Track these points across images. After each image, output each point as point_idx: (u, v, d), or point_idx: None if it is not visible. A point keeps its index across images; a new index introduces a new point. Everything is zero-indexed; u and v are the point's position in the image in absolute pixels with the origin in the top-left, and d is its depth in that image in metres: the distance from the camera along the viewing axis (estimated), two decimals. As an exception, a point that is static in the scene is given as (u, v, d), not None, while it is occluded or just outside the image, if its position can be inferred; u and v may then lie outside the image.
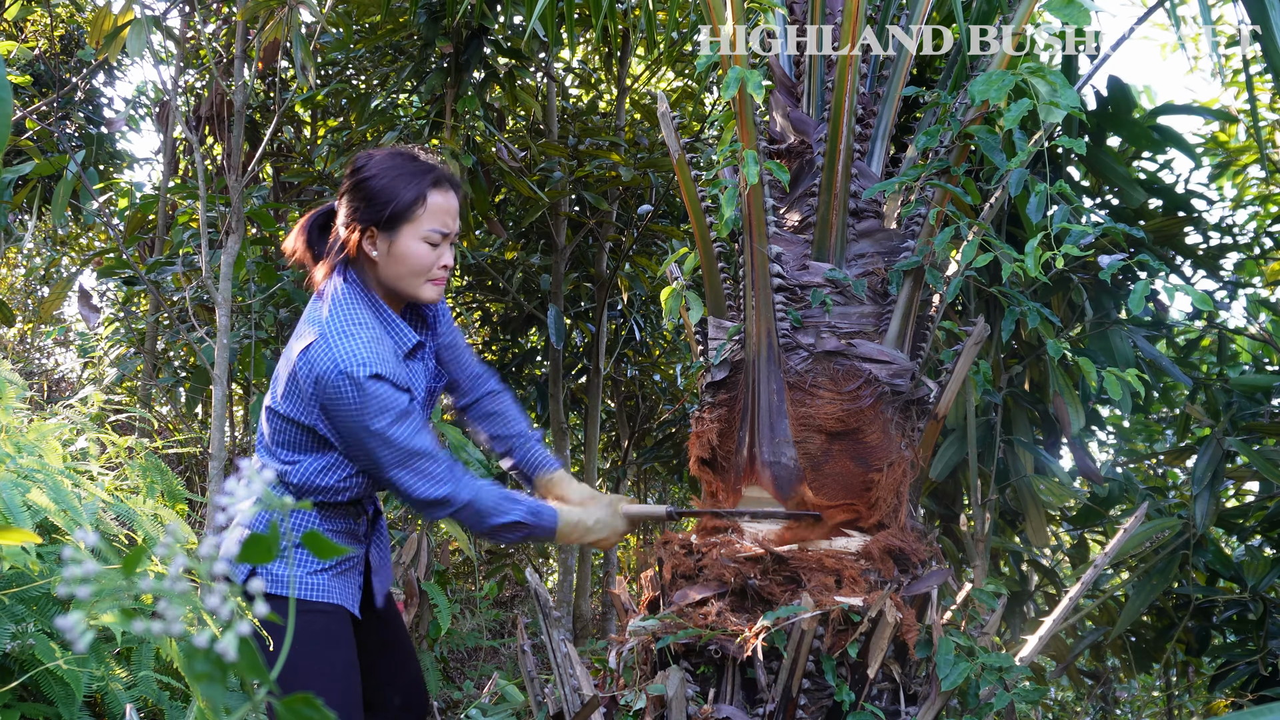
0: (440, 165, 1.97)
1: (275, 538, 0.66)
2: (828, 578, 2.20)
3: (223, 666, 0.59)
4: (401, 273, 1.92)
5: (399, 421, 1.84)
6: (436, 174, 1.93)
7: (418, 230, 1.90)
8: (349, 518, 2.01)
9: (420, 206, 1.89)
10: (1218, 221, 4.02)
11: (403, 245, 1.90)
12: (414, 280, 1.93)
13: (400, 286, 1.94)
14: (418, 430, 1.88)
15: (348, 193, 1.94)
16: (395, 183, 1.89)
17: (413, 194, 1.89)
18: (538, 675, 2.47)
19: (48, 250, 6.80)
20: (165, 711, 2.24)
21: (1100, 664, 4.53)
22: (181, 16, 4.32)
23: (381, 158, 1.94)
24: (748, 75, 2.11)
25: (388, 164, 1.92)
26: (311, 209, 2.10)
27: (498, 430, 2.24)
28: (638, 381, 6.08)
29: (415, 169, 1.92)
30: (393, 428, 1.84)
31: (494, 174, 4.49)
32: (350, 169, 1.96)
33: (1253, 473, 3.75)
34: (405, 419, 1.85)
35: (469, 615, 5.58)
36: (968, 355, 2.45)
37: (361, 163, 1.94)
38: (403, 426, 1.85)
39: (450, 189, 1.95)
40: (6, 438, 2.33)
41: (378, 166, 1.91)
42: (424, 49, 4.10)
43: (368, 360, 1.82)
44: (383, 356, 1.85)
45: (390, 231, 1.90)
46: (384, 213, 1.88)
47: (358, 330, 1.87)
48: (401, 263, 1.91)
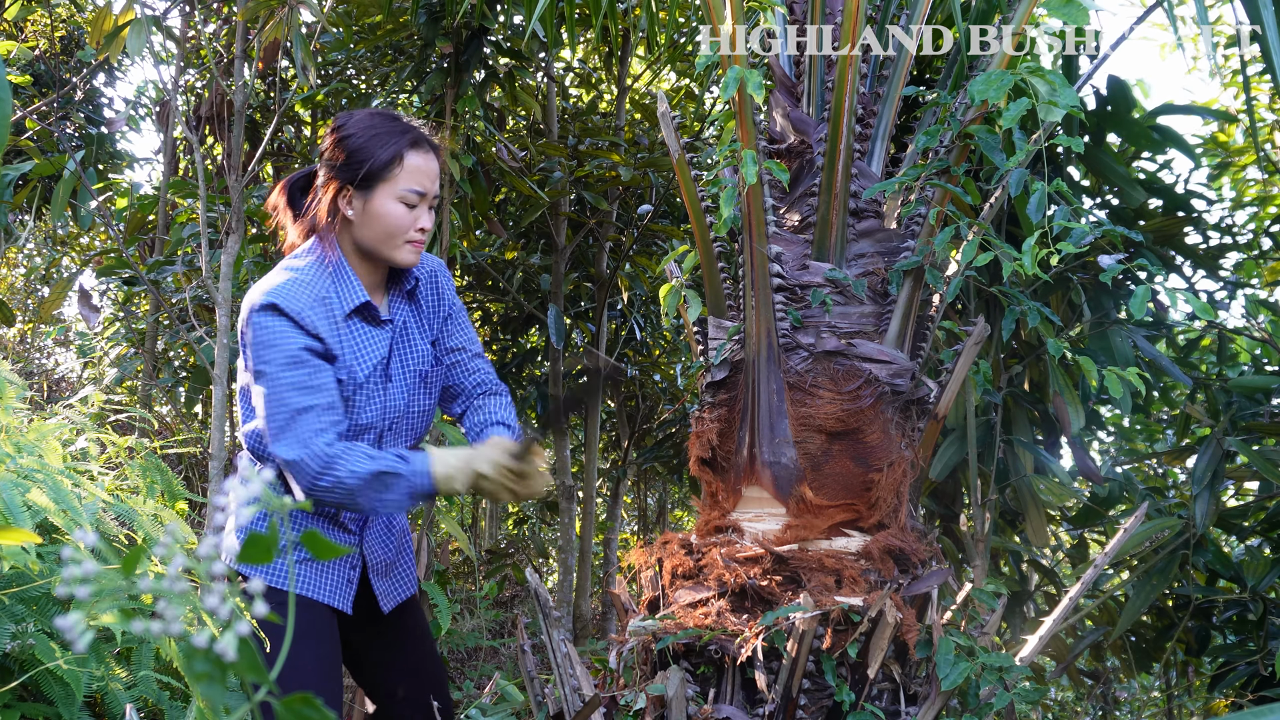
0: (420, 126, 1.92)
1: (274, 538, 0.66)
2: (828, 578, 2.21)
3: (222, 666, 0.59)
4: (378, 233, 1.87)
5: (286, 367, 1.74)
6: (415, 134, 1.88)
7: (394, 190, 1.85)
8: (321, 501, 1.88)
9: (397, 166, 1.85)
10: (1217, 222, 4.02)
11: (378, 205, 1.85)
12: (390, 242, 1.87)
13: (376, 248, 1.88)
14: (305, 385, 1.75)
15: (326, 150, 1.90)
16: (373, 141, 1.85)
17: (390, 153, 1.84)
18: (538, 675, 2.47)
19: (48, 250, 6.80)
20: (165, 711, 2.24)
21: (1100, 664, 4.53)
22: (181, 16, 4.32)
23: (361, 117, 1.89)
24: (747, 75, 2.11)
25: (367, 123, 1.87)
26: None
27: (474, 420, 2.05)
28: (638, 381, 6.08)
29: (394, 128, 1.87)
30: (275, 369, 1.73)
31: (494, 174, 4.49)
32: (330, 128, 1.92)
33: (1253, 473, 3.75)
34: (295, 366, 1.75)
35: (469, 615, 5.58)
36: (968, 355, 2.45)
37: (341, 121, 1.90)
38: (284, 371, 1.74)
39: (430, 150, 1.89)
40: (6, 438, 2.33)
41: (356, 125, 1.87)
42: (424, 49, 4.10)
43: (272, 291, 1.76)
44: (293, 294, 1.77)
45: (366, 190, 1.85)
46: (360, 171, 1.84)
47: (284, 272, 1.82)
48: (377, 222, 1.86)
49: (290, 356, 1.76)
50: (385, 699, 2.10)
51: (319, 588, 1.91)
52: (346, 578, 1.96)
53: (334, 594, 1.94)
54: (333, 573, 1.94)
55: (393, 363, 1.95)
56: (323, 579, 1.92)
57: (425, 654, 2.13)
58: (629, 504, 8.29)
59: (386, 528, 2.05)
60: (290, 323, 1.76)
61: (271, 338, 1.75)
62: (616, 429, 6.41)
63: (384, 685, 2.10)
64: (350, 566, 1.97)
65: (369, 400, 1.90)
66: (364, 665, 2.10)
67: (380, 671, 2.10)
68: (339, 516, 1.96)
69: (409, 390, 1.97)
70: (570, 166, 4.69)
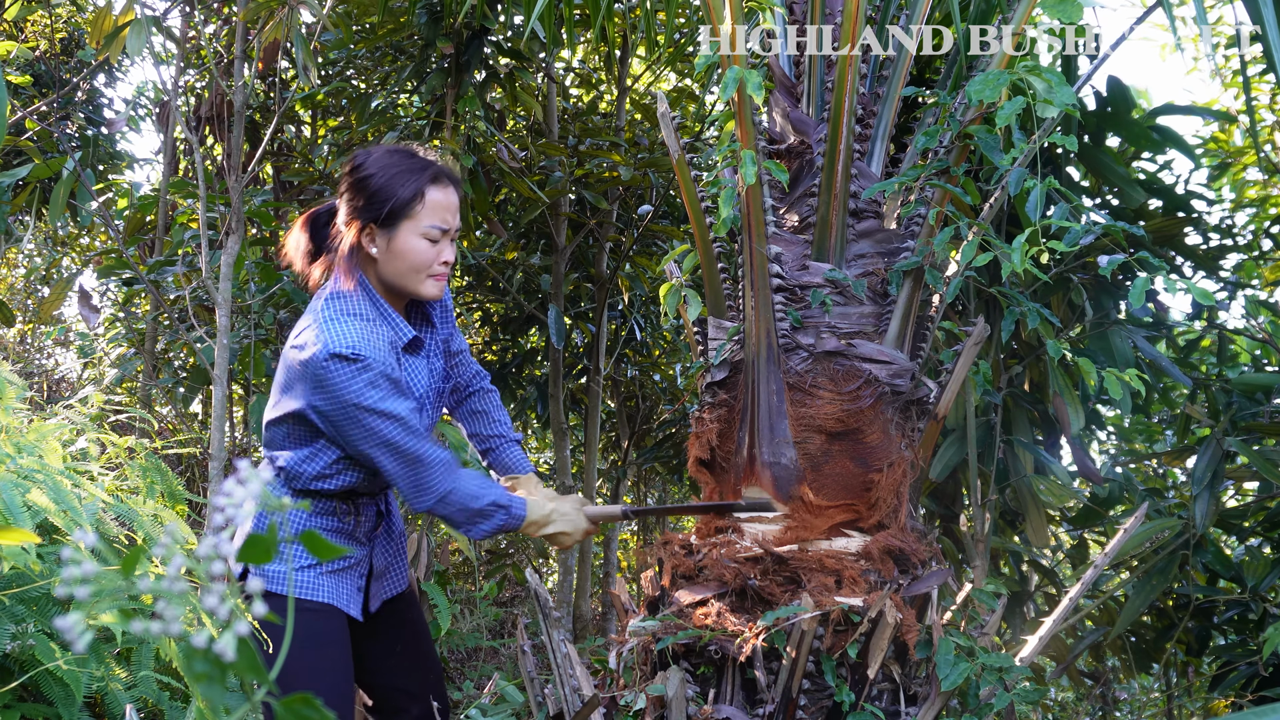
0: (439, 162, 1.96)
1: (273, 538, 0.66)
2: (828, 578, 2.20)
3: (222, 666, 0.59)
4: (402, 269, 1.91)
5: (391, 397, 1.84)
6: (435, 170, 1.92)
7: (417, 227, 1.89)
8: (340, 515, 1.99)
9: (419, 203, 1.88)
10: (1217, 222, 4.02)
11: (402, 242, 1.89)
12: (415, 277, 1.92)
13: (401, 283, 1.93)
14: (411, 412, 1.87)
15: (347, 190, 1.93)
16: (394, 180, 1.88)
17: (411, 190, 1.88)
18: (538, 675, 2.47)
19: (48, 251, 6.80)
20: (165, 711, 2.24)
21: (1100, 664, 4.53)
22: (181, 16, 4.32)
23: (380, 155, 1.92)
24: (747, 75, 2.11)
25: (386, 161, 1.91)
26: (311, 208, 2.10)
27: (480, 429, 2.26)
28: (638, 381, 6.08)
29: (414, 165, 1.91)
30: (385, 401, 1.83)
31: (494, 174, 4.49)
32: (348, 167, 1.95)
33: (1253, 473, 3.75)
34: (395, 397, 1.85)
35: (469, 615, 5.58)
36: (968, 355, 2.45)
37: (360, 160, 1.93)
38: (395, 402, 1.84)
39: (449, 184, 1.93)
40: (6, 438, 2.33)
41: (376, 164, 1.90)
42: (424, 49, 4.10)
43: (356, 344, 1.82)
44: (374, 344, 1.85)
45: (389, 228, 1.89)
46: (383, 210, 1.88)
47: (350, 319, 1.86)
48: (401, 259, 1.90)
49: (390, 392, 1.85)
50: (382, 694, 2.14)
51: (336, 595, 1.97)
52: (357, 586, 2.02)
53: (350, 601, 2.00)
54: (349, 582, 2.00)
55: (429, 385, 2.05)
56: (340, 588, 1.98)
57: (421, 650, 2.17)
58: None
59: (388, 535, 2.11)
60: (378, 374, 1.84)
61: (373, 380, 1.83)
62: (616, 429, 6.41)
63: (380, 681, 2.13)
64: (360, 575, 2.03)
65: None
66: (362, 662, 2.12)
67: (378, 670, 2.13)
68: (355, 532, 2.03)
69: (433, 408, 2.06)
70: (570, 166, 4.69)
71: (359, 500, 2.02)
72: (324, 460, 1.92)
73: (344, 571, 1.99)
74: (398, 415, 1.84)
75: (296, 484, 1.94)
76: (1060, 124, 3.15)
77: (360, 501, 2.02)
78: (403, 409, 1.85)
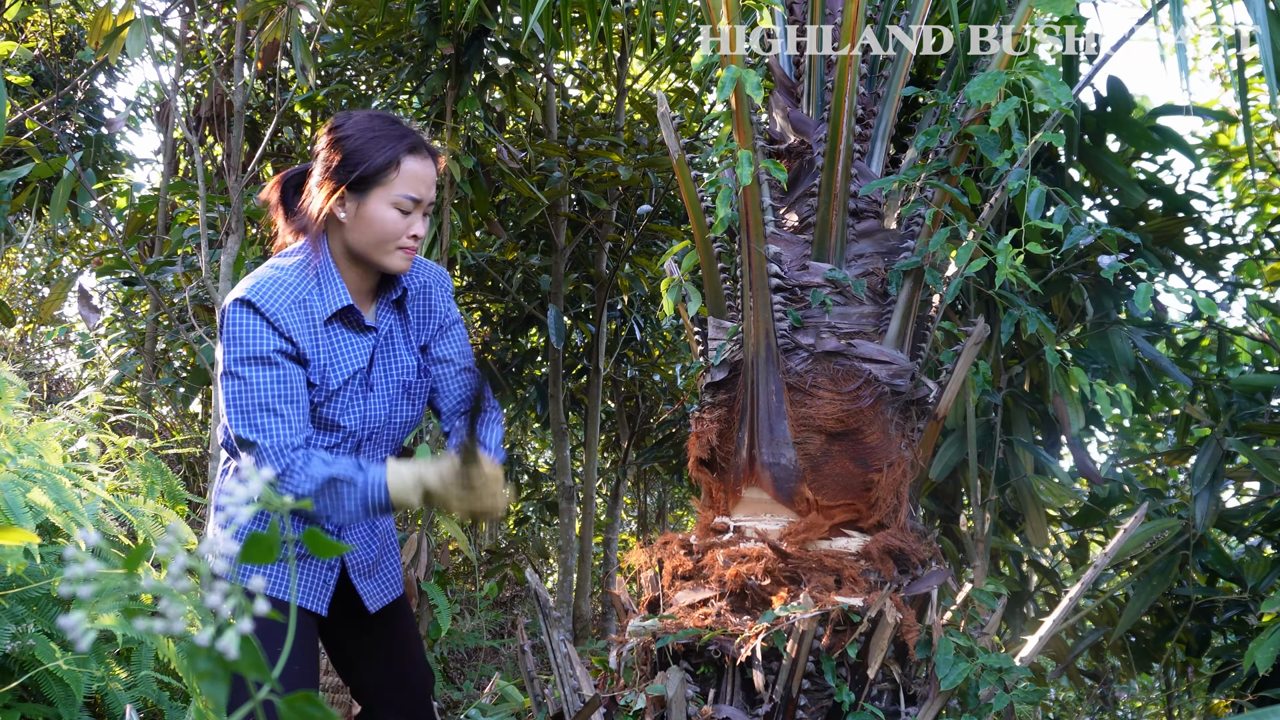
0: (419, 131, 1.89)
1: (274, 537, 0.66)
2: (828, 578, 2.21)
3: (224, 664, 0.60)
4: (369, 238, 1.83)
5: (251, 364, 1.72)
6: (414, 139, 1.85)
7: (388, 194, 1.81)
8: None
9: (393, 170, 1.81)
10: (1218, 222, 4.02)
11: (372, 209, 1.81)
12: (381, 247, 1.83)
13: (367, 253, 1.84)
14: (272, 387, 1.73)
15: (322, 150, 1.86)
16: (370, 144, 1.81)
17: (386, 157, 1.81)
18: (538, 675, 2.47)
19: (48, 251, 6.80)
20: (165, 711, 2.24)
21: (1100, 664, 4.53)
22: (181, 17, 4.32)
23: (360, 118, 1.86)
24: (744, 75, 2.11)
25: (365, 125, 1.84)
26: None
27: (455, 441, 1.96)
28: (638, 381, 6.08)
29: (393, 132, 1.84)
30: (244, 368, 1.71)
31: (494, 175, 4.49)
32: (327, 127, 1.88)
33: (1253, 473, 3.75)
34: (264, 366, 1.73)
35: (469, 615, 5.58)
36: (968, 355, 2.45)
37: (339, 121, 1.86)
38: (256, 372, 1.72)
39: (428, 156, 1.86)
40: (7, 438, 2.33)
41: (354, 127, 1.84)
42: (424, 50, 4.10)
43: (251, 289, 1.74)
44: (271, 293, 1.75)
45: (360, 194, 1.82)
46: (354, 173, 1.80)
47: (266, 270, 1.79)
48: (370, 227, 1.82)
49: (260, 356, 1.73)
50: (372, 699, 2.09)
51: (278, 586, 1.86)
52: (323, 580, 1.92)
53: (308, 596, 1.90)
54: (308, 575, 1.90)
55: (374, 371, 1.91)
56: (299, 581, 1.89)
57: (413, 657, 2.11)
58: (629, 504, 8.29)
59: (369, 528, 2.02)
60: (264, 322, 1.74)
61: (243, 335, 1.73)
62: (616, 429, 6.41)
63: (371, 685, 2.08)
64: (328, 569, 1.93)
65: (347, 407, 1.86)
66: (353, 666, 2.08)
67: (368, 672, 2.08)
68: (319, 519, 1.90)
69: (391, 400, 1.93)
70: (570, 167, 4.70)
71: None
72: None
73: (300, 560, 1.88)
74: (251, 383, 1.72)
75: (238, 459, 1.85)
76: (1061, 124, 3.15)
77: None
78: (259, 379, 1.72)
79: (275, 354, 1.75)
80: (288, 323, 1.76)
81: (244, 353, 1.73)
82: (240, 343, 1.73)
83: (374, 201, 1.82)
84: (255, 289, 1.75)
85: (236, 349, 1.73)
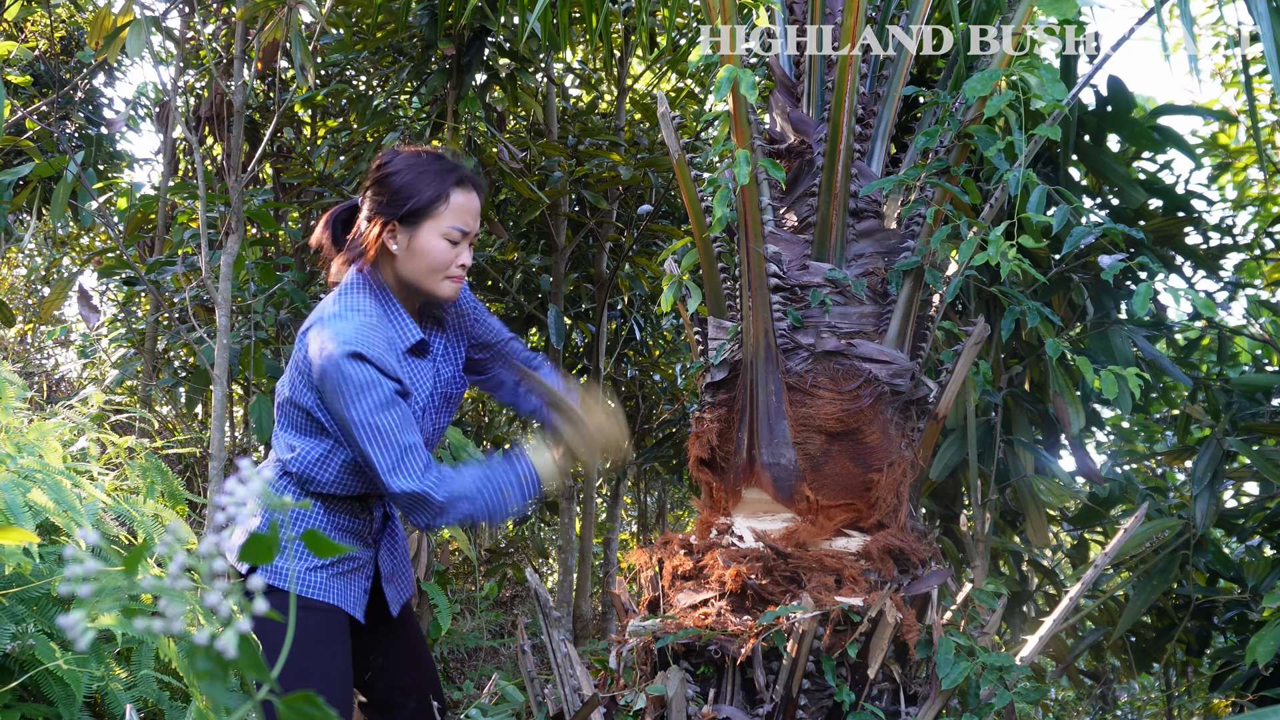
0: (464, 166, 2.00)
1: (275, 537, 0.66)
2: (828, 578, 2.21)
3: (224, 664, 0.59)
4: (420, 269, 1.94)
5: (380, 409, 1.82)
6: (460, 173, 1.96)
7: (438, 227, 1.92)
8: (353, 515, 2.01)
9: (443, 203, 1.92)
10: (1218, 222, 4.02)
11: (423, 241, 1.92)
12: (432, 277, 1.94)
13: (419, 282, 1.96)
14: (401, 425, 1.84)
15: (371, 187, 1.97)
16: (419, 179, 1.92)
17: (435, 190, 1.92)
18: (538, 675, 2.47)
19: (48, 250, 6.80)
20: (165, 711, 2.24)
21: (1100, 664, 4.53)
22: (181, 17, 4.32)
23: (407, 154, 1.97)
24: (741, 75, 2.11)
25: (413, 160, 1.95)
26: (310, 209, 2.12)
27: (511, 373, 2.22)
28: (638, 381, 6.08)
29: (440, 167, 1.95)
30: (372, 414, 1.82)
31: (494, 174, 4.49)
32: (375, 164, 1.99)
33: (1253, 473, 3.75)
34: (388, 408, 1.83)
35: (469, 615, 5.58)
36: (968, 355, 2.45)
37: (387, 159, 1.98)
38: (384, 414, 1.83)
39: (473, 189, 1.97)
40: (6, 438, 2.33)
41: (403, 163, 1.95)
42: (425, 50, 4.10)
43: (352, 339, 1.83)
44: (371, 340, 1.85)
45: (411, 227, 1.92)
46: (405, 207, 1.91)
47: (353, 314, 1.88)
48: (421, 258, 1.93)
49: (385, 400, 1.83)
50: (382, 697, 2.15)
51: (344, 597, 1.99)
52: (363, 588, 2.04)
53: (355, 604, 2.01)
54: (355, 584, 2.01)
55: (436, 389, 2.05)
56: (347, 590, 1.99)
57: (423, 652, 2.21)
58: (629, 504, 8.29)
59: (392, 538, 2.12)
60: (377, 370, 1.84)
61: (367, 386, 1.83)
62: (616, 429, 6.39)
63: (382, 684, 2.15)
64: (365, 577, 2.05)
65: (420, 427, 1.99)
66: (364, 666, 2.14)
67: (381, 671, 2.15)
68: (364, 532, 2.04)
69: (438, 412, 2.06)
70: (570, 166, 4.69)
71: (369, 501, 2.04)
72: (334, 466, 1.94)
73: (351, 574, 2.00)
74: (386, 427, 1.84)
75: (311, 488, 1.96)
76: (1059, 122, 3.15)
77: (370, 502, 2.04)
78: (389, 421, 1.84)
79: (394, 395, 1.86)
80: (390, 364, 1.87)
81: (374, 402, 1.83)
82: (367, 393, 1.82)
83: (425, 234, 1.93)
84: (359, 341, 1.84)
85: (367, 400, 1.83)
